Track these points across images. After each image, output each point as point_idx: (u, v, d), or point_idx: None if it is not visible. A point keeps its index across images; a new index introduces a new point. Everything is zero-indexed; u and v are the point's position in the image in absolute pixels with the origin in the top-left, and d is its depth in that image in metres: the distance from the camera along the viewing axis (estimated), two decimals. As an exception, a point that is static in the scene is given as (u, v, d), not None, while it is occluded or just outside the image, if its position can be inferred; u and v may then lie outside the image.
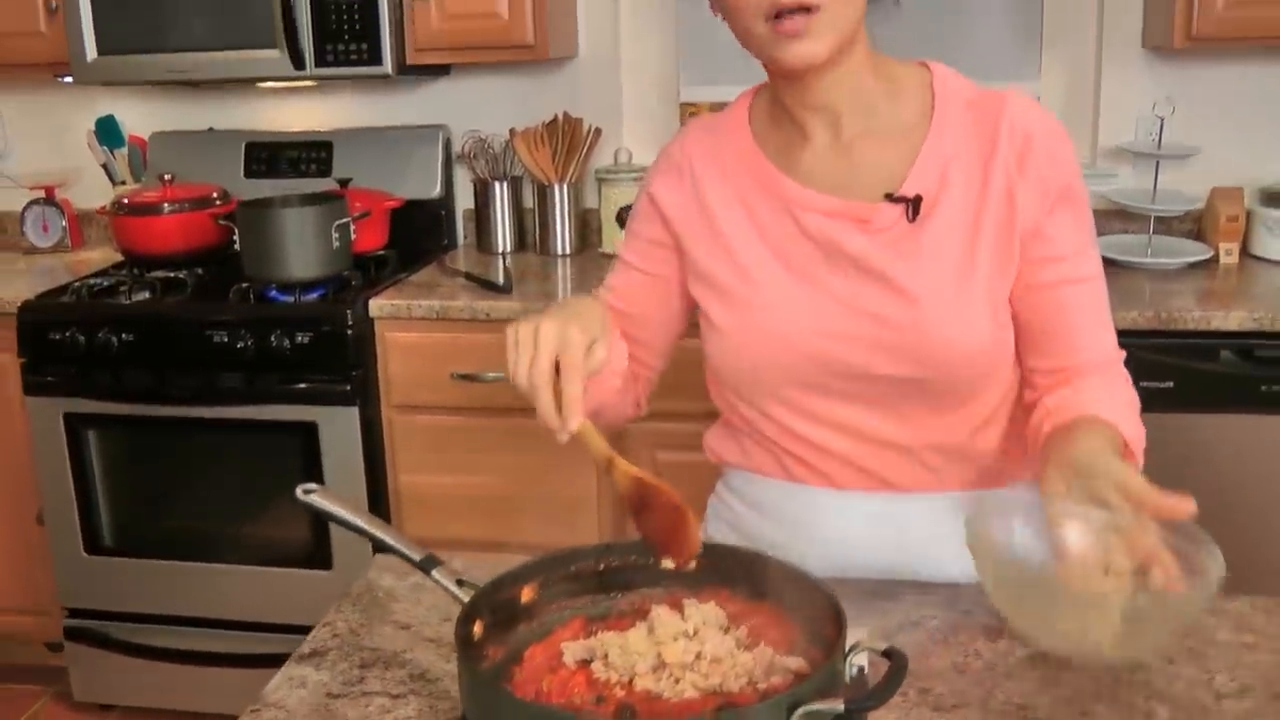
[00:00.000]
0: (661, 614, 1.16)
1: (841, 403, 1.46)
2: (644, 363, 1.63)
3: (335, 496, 1.30)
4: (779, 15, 1.32)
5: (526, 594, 1.22)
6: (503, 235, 3.38)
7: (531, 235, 3.41)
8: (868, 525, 1.51)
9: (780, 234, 1.46)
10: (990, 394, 1.48)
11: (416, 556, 1.25)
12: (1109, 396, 1.44)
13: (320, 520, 2.85)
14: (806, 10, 1.32)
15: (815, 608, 1.14)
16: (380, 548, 1.30)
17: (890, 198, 1.41)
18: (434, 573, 1.23)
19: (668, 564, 1.21)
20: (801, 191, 1.45)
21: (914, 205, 1.41)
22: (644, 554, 1.24)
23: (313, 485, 1.30)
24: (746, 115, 1.54)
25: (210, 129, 3.62)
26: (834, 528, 1.52)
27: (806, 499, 1.53)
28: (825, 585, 1.15)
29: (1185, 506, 1.16)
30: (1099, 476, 1.23)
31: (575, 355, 1.24)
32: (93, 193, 3.70)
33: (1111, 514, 1.22)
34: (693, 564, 1.21)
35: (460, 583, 1.21)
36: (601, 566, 1.26)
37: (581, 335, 1.26)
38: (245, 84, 3.48)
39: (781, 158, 1.48)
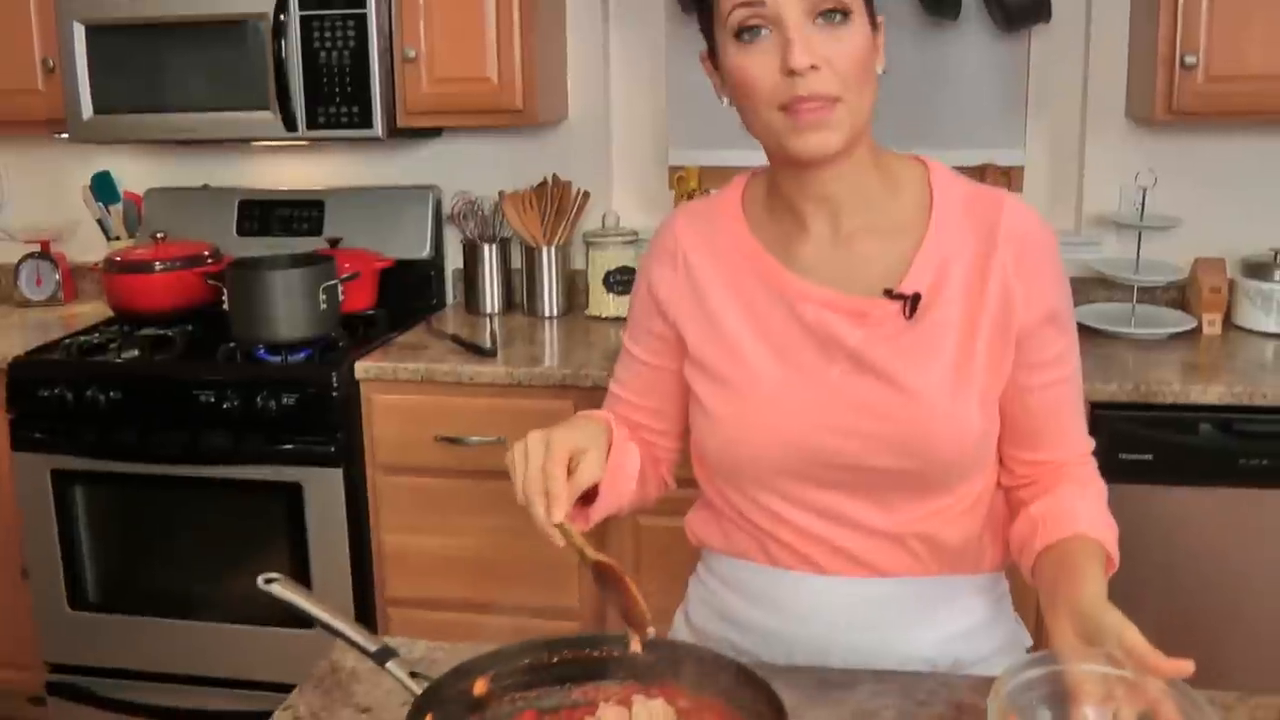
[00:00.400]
0: (608, 714, 1.17)
1: (829, 491, 1.48)
2: (663, 446, 1.66)
3: (295, 586, 1.31)
4: (797, 104, 1.34)
5: (479, 686, 1.24)
6: (491, 296, 3.41)
7: (519, 296, 3.44)
8: (849, 608, 1.52)
9: (777, 324, 1.47)
10: (974, 483, 1.50)
11: (372, 648, 1.26)
12: (1090, 505, 1.48)
13: (303, 579, 2.92)
14: (827, 100, 1.34)
15: (761, 703, 1.15)
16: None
17: (890, 294, 1.43)
18: (389, 665, 1.24)
19: (635, 646, 1.25)
20: (799, 283, 1.46)
21: (912, 302, 1.42)
22: (596, 646, 1.28)
23: (274, 575, 1.31)
24: (740, 203, 1.55)
25: (205, 186, 3.66)
26: (816, 611, 1.53)
27: (789, 583, 1.53)
28: (767, 682, 1.16)
29: (1184, 667, 1.18)
30: (1105, 633, 1.24)
31: (591, 459, 1.36)
32: (88, 247, 3.74)
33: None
34: (651, 631, 1.26)
35: (414, 674, 1.22)
36: (554, 659, 1.27)
37: (591, 449, 1.36)
38: (240, 142, 3.51)
39: (779, 248, 1.49)
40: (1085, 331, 3.00)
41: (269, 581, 1.31)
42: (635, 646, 1.26)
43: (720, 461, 1.52)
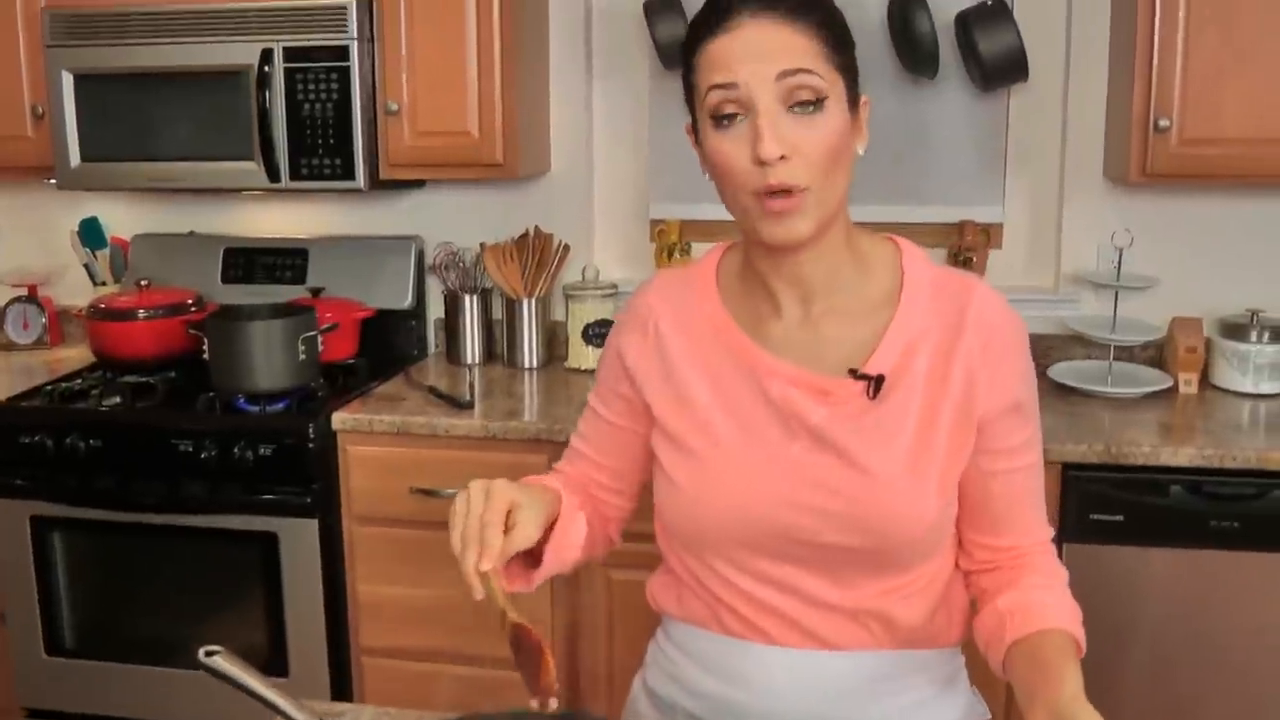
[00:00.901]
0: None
1: (786, 565, 1.49)
2: (615, 505, 1.69)
3: (236, 661, 1.33)
4: (767, 192, 1.36)
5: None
6: (471, 347, 3.42)
7: (500, 347, 3.46)
8: (801, 680, 1.52)
9: (743, 398, 1.49)
10: (931, 563, 1.51)
11: (309, 726, 1.27)
12: (1057, 596, 1.49)
13: (278, 627, 2.93)
14: (796, 189, 1.36)
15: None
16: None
17: (854, 374, 1.45)
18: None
19: (533, 702, 1.29)
20: (767, 359, 1.49)
21: (876, 384, 1.44)
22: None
23: (215, 648, 1.32)
24: (715, 274, 1.58)
25: (191, 233, 3.68)
26: (768, 682, 1.53)
27: (742, 653, 1.54)
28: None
29: None
30: None
31: (496, 511, 1.35)
32: (75, 291, 3.76)
33: None
34: (553, 702, 1.28)
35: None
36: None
37: (503, 487, 1.37)
38: (227, 189, 3.54)
39: (749, 323, 1.52)
40: (1062, 389, 3.03)
41: (210, 654, 1.32)
42: (535, 706, 1.30)
43: (680, 528, 1.54)
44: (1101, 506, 2.67)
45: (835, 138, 1.38)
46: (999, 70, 3.11)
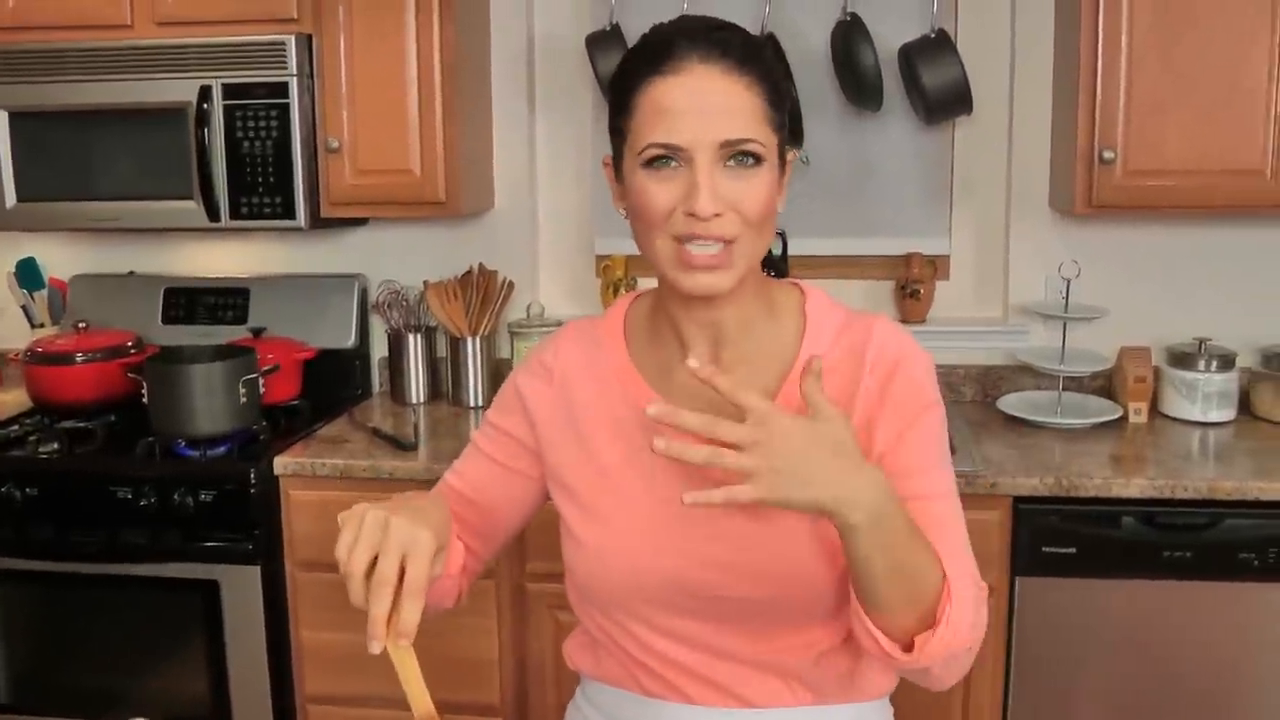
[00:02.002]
0: None
1: (696, 620, 1.45)
2: (476, 553, 1.61)
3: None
4: (693, 239, 1.33)
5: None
6: (416, 385, 3.38)
7: (445, 386, 3.41)
8: None
9: (648, 455, 1.44)
10: (844, 613, 1.44)
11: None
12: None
13: (220, 676, 2.86)
14: (723, 242, 1.33)
15: None
16: None
17: None
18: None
19: None
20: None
21: None
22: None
23: None
24: (622, 324, 1.54)
25: (131, 273, 3.62)
26: None
27: (658, 712, 1.50)
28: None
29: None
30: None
31: (422, 564, 1.22)
32: (13, 333, 3.69)
33: None
34: None
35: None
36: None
37: (431, 541, 1.24)
38: (166, 229, 3.48)
39: (656, 374, 1.48)
40: (1011, 421, 3.03)
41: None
42: None
43: (588, 587, 1.50)
44: (1053, 539, 2.65)
45: (766, 199, 1.35)
46: (943, 103, 3.11)
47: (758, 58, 1.36)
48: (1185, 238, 3.23)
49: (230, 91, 3.03)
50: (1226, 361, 3.06)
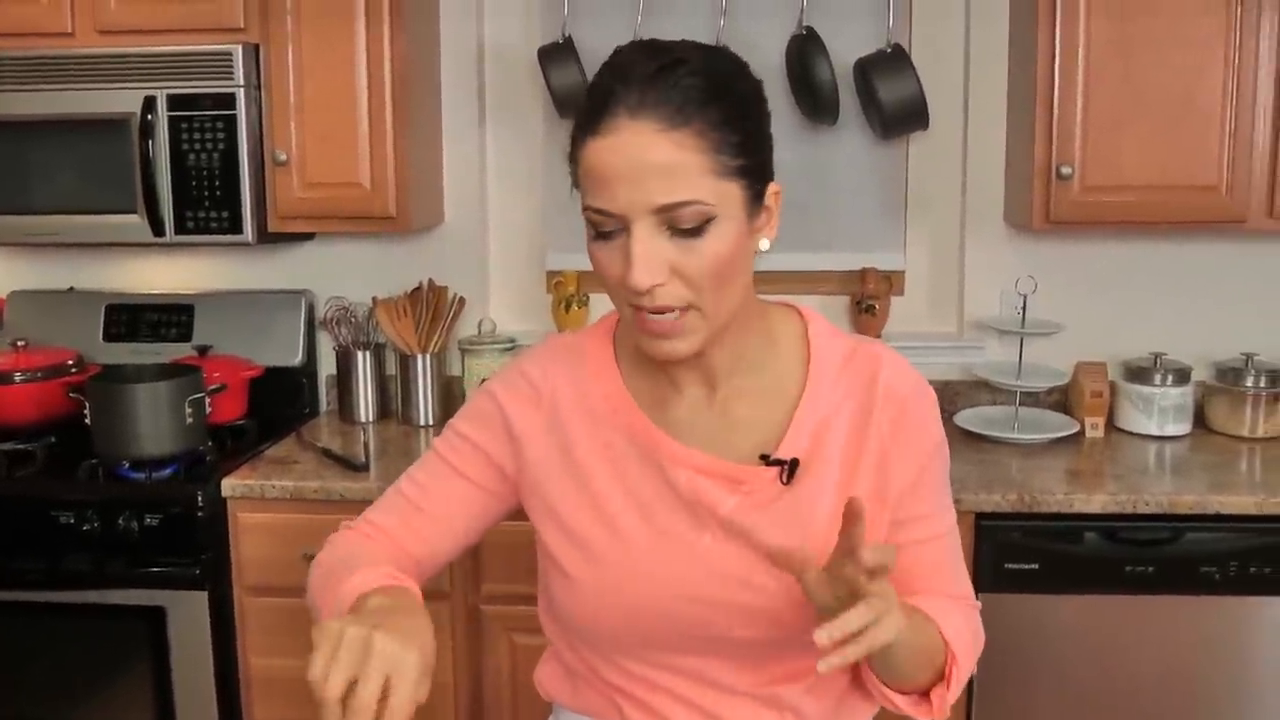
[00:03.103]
0: None
1: (690, 655, 1.41)
2: (421, 569, 1.49)
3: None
4: (642, 311, 1.26)
5: None
6: (365, 404, 3.31)
7: (395, 404, 3.34)
8: None
9: (646, 488, 1.39)
10: None
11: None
12: (959, 617, 1.42)
13: (167, 706, 2.78)
14: (675, 310, 1.25)
15: None
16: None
17: (766, 460, 1.37)
18: None
19: None
20: (672, 445, 1.39)
21: (790, 469, 1.36)
22: None
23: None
24: (612, 347, 1.47)
25: (71, 289, 3.52)
26: None
27: None
28: None
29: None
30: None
31: (407, 690, 1.08)
32: (-54, 352, 3.58)
33: None
34: None
35: None
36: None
37: (418, 664, 1.10)
38: (108, 243, 3.40)
39: (651, 405, 1.41)
40: (969, 436, 3.01)
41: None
42: None
43: (578, 625, 1.44)
44: (1015, 556, 2.64)
45: (721, 257, 1.25)
46: (899, 117, 3.10)
47: (711, 100, 1.23)
48: (1140, 253, 3.25)
49: (175, 102, 2.95)
50: (1182, 376, 3.07)
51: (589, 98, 1.27)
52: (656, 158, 1.21)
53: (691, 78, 1.23)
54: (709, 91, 1.23)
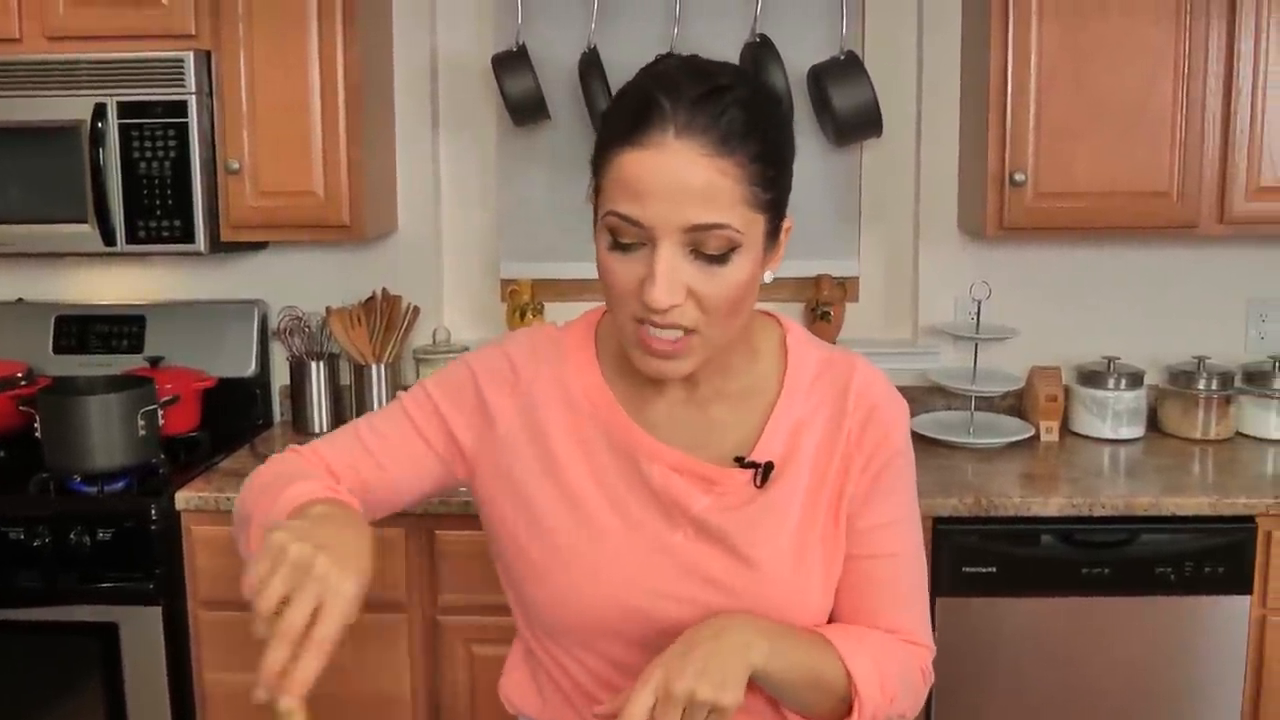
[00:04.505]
0: None
1: (656, 655, 1.40)
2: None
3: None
4: (649, 325, 1.25)
5: None
6: (319, 414, 3.27)
7: (349, 414, 3.31)
8: None
9: (619, 482, 1.39)
10: None
11: None
12: (884, 646, 1.41)
13: (120, 724, 2.75)
14: (681, 332, 1.25)
15: None
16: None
17: (741, 462, 1.37)
18: None
19: None
20: (648, 441, 1.38)
21: (764, 472, 1.37)
22: None
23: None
24: (594, 343, 1.46)
25: (20, 300, 3.47)
26: None
27: None
28: None
29: None
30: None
31: (334, 621, 1.09)
32: (-111, 365, 3.51)
33: None
34: None
35: None
36: None
37: (353, 597, 1.10)
38: (58, 253, 3.35)
39: (631, 402, 1.41)
40: (925, 441, 3.03)
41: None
42: None
43: (545, 617, 1.42)
44: (973, 559, 2.66)
45: (739, 287, 1.25)
46: (853, 125, 3.11)
47: (752, 132, 1.23)
48: (1093, 258, 3.28)
49: (126, 110, 2.91)
50: (1135, 379, 3.10)
51: (629, 106, 1.25)
52: (698, 180, 1.20)
53: (738, 107, 1.22)
54: (751, 124, 1.23)
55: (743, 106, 1.23)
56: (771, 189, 1.26)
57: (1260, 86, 2.85)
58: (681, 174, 1.20)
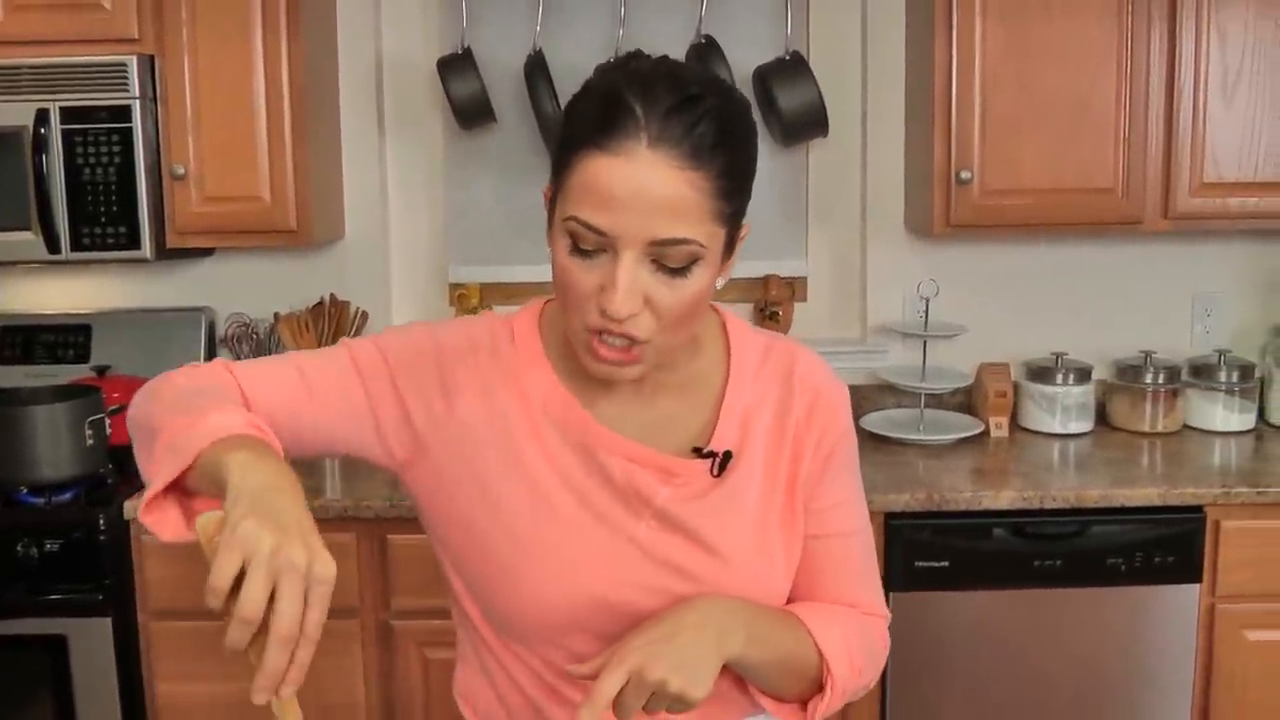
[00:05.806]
0: None
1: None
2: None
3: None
4: (602, 333, 1.24)
5: None
6: (270, 421, 3.25)
7: (301, 421, 3.29)
8: None
9: (578, 474, 1.37)
10: None
11: None
12: (848, 624, 1.43)
13: (70, 738, 2.71)
14: (634, 342, 1.24)
15: None
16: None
17: (699, 452, 1.37)
18: None
19: None
20: (608, 435, 1.37)
21: (722, 460, 1.37)
22: None
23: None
24: (539, 336, 1.42)
25: (-40, 311, 3.43)
26: None
27: None
28: None
29: None
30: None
31: (324, 609, 1.05)
32: None
33: None
34: None
35: None
36: None
37: (334, 574, 1.05)
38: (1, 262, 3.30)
39: (583, 397, 1.39)
40: (875, 439, 3.04)
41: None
42: None
43: (507, 614, 1.39)
44: (925, 554, 2.68)
45: (696, 296, 1.24)
46: (799, 125, 3.13)
47: (721, 144, 1.20)
48: (1040, 255, 3.31)
49: (69, 115, 2.88)
50: (1083, 374, 3.14)
51: (599, 106, 1.22)
52: (667, 192, 1.18)
53: (710, 119, 1.20)
54: (722, 136, 1.21)
55: (715, 118, 1.21)
56: (735, 200, 1.24)
57: (1201, 85, 2.90)
58: (651, 186, 1.18)
